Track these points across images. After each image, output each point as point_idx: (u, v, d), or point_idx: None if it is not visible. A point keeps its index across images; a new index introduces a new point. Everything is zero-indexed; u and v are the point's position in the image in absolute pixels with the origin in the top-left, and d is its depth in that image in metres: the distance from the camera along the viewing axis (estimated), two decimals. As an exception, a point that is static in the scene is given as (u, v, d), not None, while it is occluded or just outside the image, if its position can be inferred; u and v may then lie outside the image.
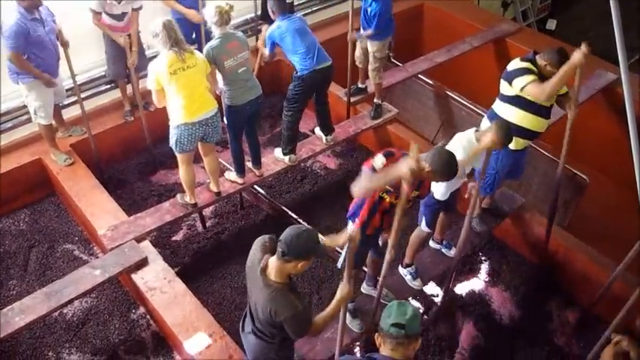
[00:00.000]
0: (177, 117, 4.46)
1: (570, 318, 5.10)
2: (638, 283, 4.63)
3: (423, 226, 4.49)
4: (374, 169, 3.33)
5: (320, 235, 2.87)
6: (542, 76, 4.27)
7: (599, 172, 6.55)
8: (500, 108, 4.52)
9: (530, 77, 4.25)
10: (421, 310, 5.11)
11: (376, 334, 2.53)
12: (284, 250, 2.71)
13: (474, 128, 4.17)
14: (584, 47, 4.00)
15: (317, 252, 2.81)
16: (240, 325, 3.35)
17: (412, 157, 3.05)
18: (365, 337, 4.35)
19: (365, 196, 3.53)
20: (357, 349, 4.56)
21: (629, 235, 4.64)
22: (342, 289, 3.05)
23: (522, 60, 4.37)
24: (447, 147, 3.84)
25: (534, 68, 4.29)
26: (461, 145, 4.00)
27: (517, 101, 4.40)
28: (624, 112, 6.59)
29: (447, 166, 3.35)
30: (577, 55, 4.02)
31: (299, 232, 2.73)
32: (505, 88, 4.45)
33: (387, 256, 3.56)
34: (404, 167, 3.04)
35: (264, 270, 2.86)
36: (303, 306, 2.89)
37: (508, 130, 3.96)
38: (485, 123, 4.67)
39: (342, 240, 2.94)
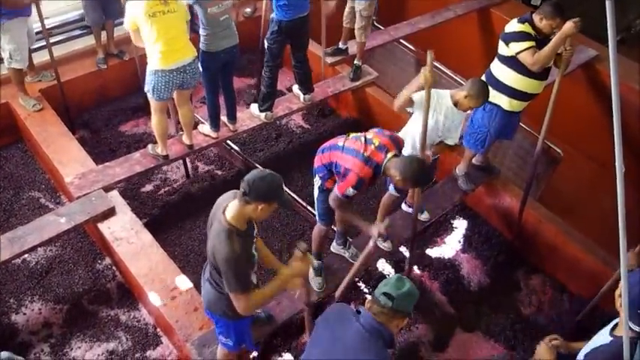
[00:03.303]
0: (155, 62, 4.34)
1: (536, 287, 5.15)
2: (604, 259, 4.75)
3: (391, 190, 4.46)
4: (346, 197, 3.54)
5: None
6: (538, 35, 4.30)
7: (573, 147, 6.59)
8: (497, 69, 4.55)
9: (526, 44, 4.29)
10: (391, 273, 5.10)
11: (369, 297, 2.55)
12: (245, 190, 2.66)
13: (448, 91, 4.12)
14: (575, 19, 4.12)
15: (279, 198, 2.75)
16: (203, 270, 3.29)
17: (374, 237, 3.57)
18: (324, 299, 4.26)
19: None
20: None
21: (599, 210, 4.69)
22: (298, 265, 2.92)
23: (520, 21, 4.37)
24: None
25: (532, 31, 4.31)
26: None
27: (513, 63, 4.41)
28: (602, 89, 6.67)
29: (417, 175, 3.38)
30: (568, 25, 4.14)
31: (263, 175, 2.70)
32: (502, 47, 4.47)
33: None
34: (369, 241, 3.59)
35: (224, 211, 2.81)
36: (243, 255, 2.77)
37: (483, 85, 3.97)
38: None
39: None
